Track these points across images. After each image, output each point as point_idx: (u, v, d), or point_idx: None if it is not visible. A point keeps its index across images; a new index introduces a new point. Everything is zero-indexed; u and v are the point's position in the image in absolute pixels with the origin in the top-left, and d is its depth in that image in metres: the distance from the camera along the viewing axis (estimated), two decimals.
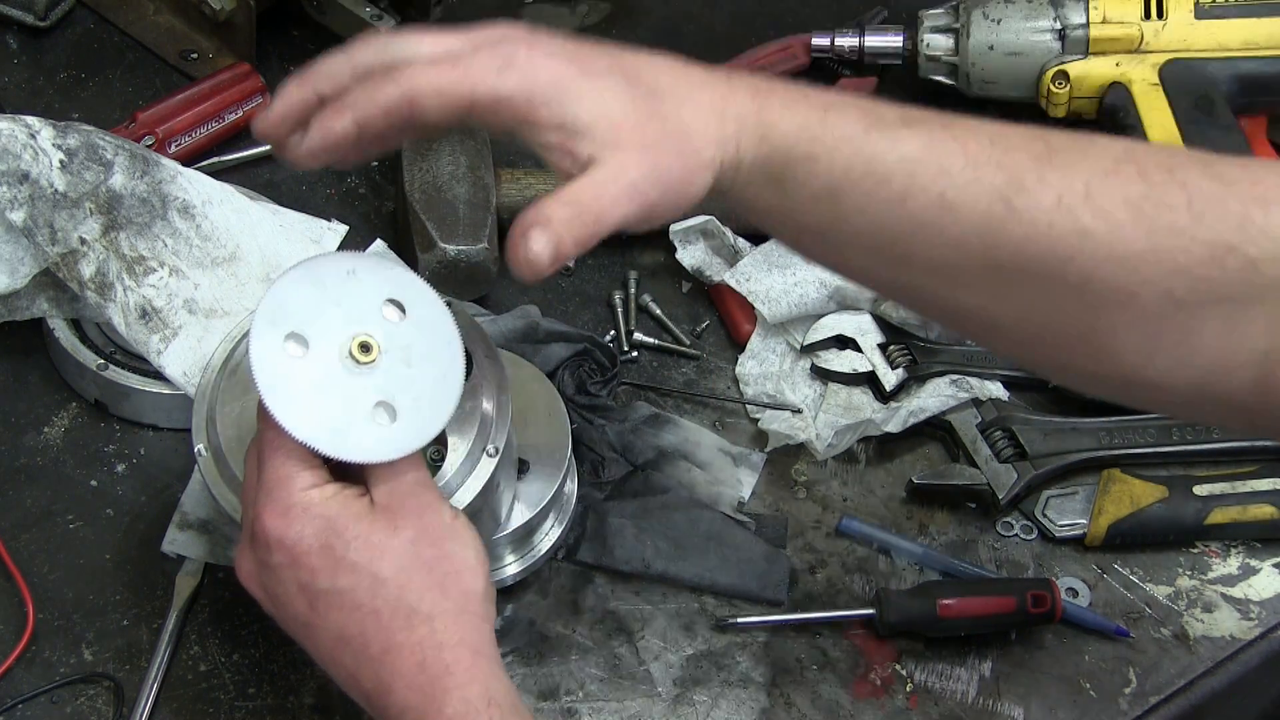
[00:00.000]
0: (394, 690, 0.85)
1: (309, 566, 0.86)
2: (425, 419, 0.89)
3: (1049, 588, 1.09)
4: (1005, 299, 0.86)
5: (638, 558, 1.10)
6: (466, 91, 0.82)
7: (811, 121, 0.85)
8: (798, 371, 1.22)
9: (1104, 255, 0.82)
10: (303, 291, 0.89)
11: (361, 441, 0.87)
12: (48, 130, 1.12)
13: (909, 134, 0.85)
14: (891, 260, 0.88)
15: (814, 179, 0.85)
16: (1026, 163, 0.83)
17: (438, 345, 0.91)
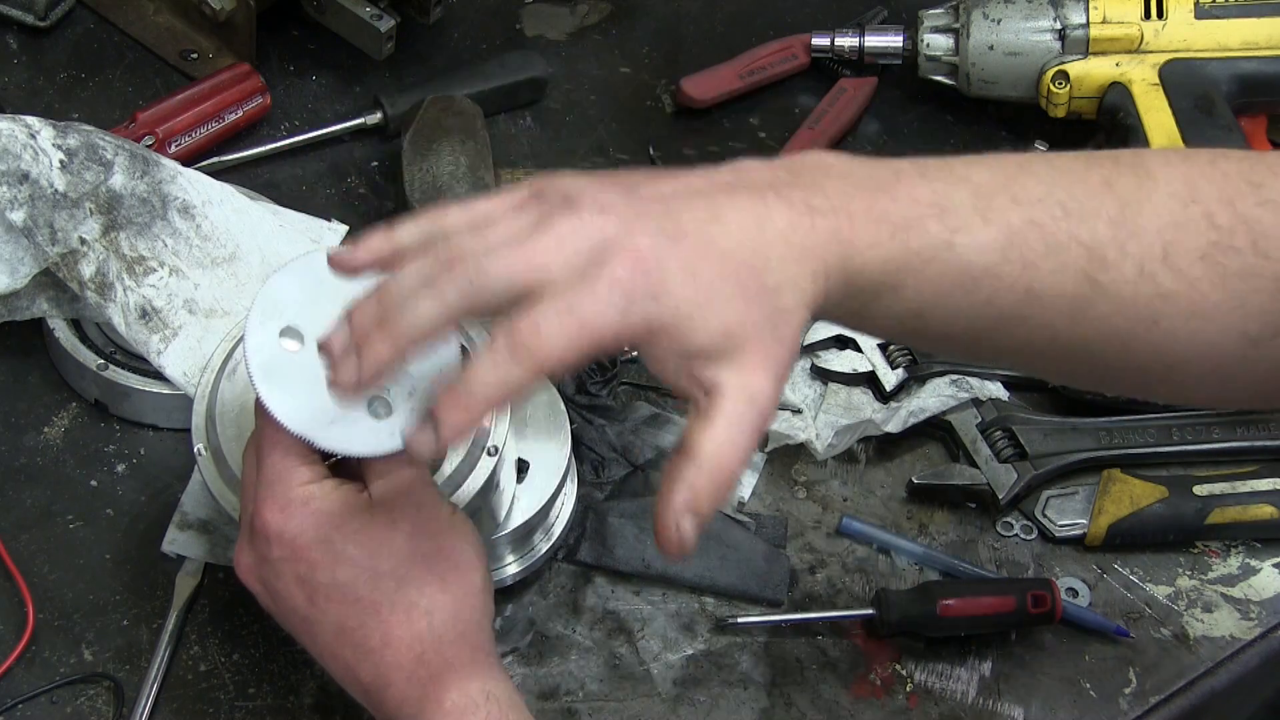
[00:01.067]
0: (392, 684, 0.86)
1: (308, 560, 0.86)
2: (421, 413, 0.89)
3: (1049, 588, 1.09)
4: (1090, 363, 0.86)
5: (638, 558, 1.10)
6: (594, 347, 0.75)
7: (895, 251, 0.80)
8: (798, 371, 1.22)
9: (1185, 314, 0.82)
10: (298, 287, 0.89)
11: (358, 436, 0.87)
12: (48, 130, 1.12)
13: (988, 234, 0.81)
14: (974, 348, 0.87)
15: (899, 304, 0.82)
16: (1104, 231, 0.82)
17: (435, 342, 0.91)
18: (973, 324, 0.83)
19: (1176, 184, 0.83)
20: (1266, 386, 0.86)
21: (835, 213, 0.79)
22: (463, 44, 1.44)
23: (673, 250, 0.76)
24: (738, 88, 1.41)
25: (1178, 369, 0.85)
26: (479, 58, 1.41)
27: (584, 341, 0.75)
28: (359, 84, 1.39)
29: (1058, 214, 0.82)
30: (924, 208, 0.81)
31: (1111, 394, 1.16)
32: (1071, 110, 1.35)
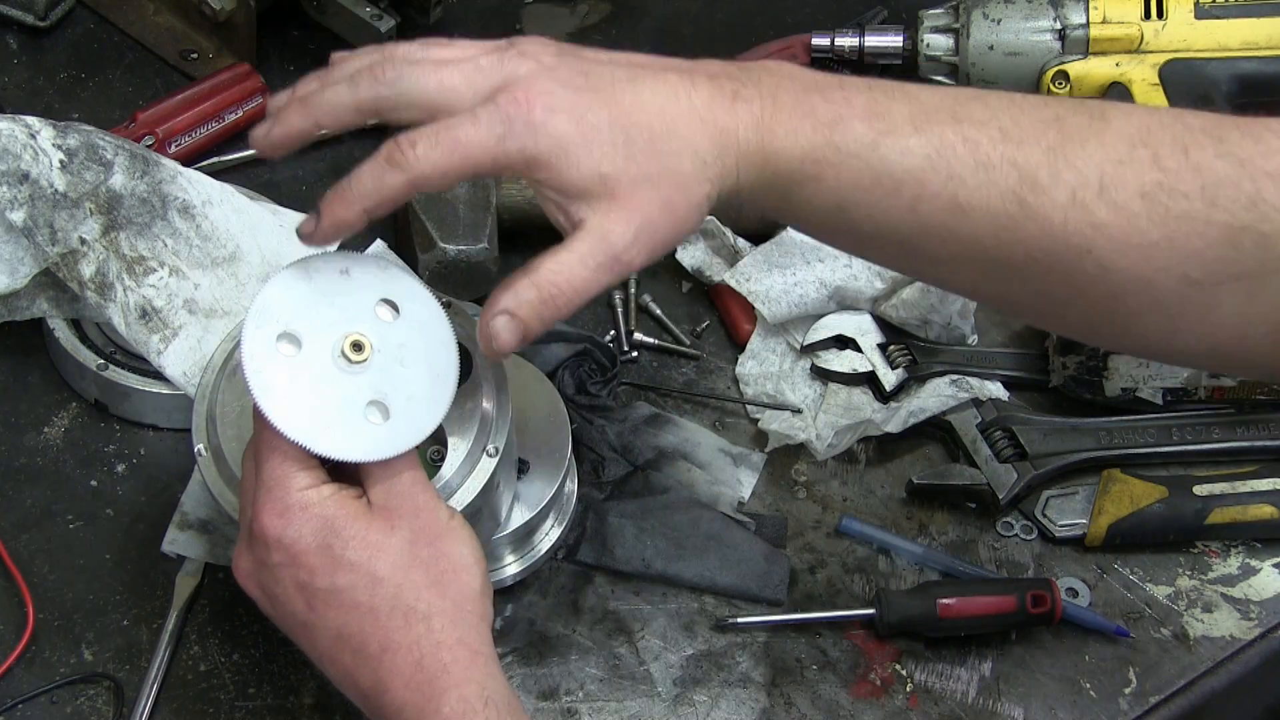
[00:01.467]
0: (391, 689, 0.86)
1: (307, 566, 0.86)
2: (419, 418, 0.89)
3: (1049, 588, 1.09)
4: (1022, 287, 0.87)
5: (638, 558, 1.10)
6: (469, 166, 0.84)
7: (817, 143, 0.85)
8: (798, 371, 1.22)
9: (1119, 246, 0.83)
10: (295, 291, 0.89)
11: (355, 441, 0.87)
12: (48, 130, 1.12)
13: (918, 140, 0.85)
14: (903, 256, 0.90)
15: (820, 196, 0.86)
16: (1039, 157, 0.84)
17: (431, 344, 0.91)
18: (898, 228, 0.86)
19: (1130, 129, 0.84)
20: (1216, 336, 0.86)
21: (760, 100, 0.85)
22: None
23: (570, 96, 0.83)
24: None
25: (1117, 303, 0.85)
26: None
27: (456, 160, 0.83)
28: None
29: (995, 136, 0.84)
30: (856, 109, 0.85)
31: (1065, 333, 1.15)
32: None
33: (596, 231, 0.84)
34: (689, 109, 0.85)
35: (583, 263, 0.84)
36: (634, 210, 0.84)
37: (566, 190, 0.84)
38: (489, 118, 0.83)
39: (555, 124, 0.83)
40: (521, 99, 0.83)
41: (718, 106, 0.85)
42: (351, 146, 1.34)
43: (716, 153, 0.85)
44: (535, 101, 0.83)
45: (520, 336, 0.85)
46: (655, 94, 0.85)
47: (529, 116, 0.83)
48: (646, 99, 0.85)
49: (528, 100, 0.83)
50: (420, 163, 0.83)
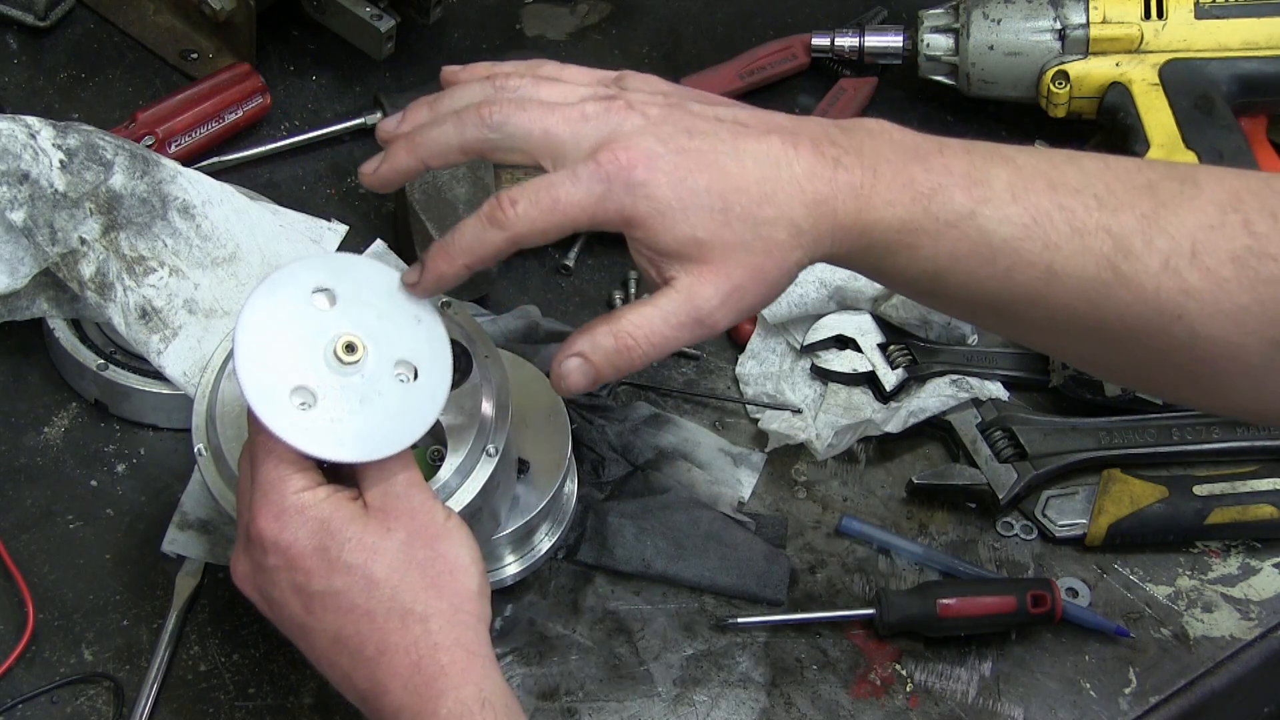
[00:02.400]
0: (389, 691, 0.85)
1: (304, 568, 0.86)
2: (414, 419, 0.89)
3: (1049, 588, 1.09)
4: (1112, 351, 0.88)
5: (638, 558, 1.10)
6: (568, 224, 0.85)
7: (915, 213, 0.85)
8: (798, 371, 1.22)
9: (1210, 312, 0.84)
10: (289, 292, 0.89)
11: (350, 442, 0.87)
12: (48, 130, 1.12)
13: (1015, 209, 0.85)
14: (996, 320, 0.91)
15: (915, 264, 0.86)
16: (1133, 224, 0.84)
17: (426, 345, 0.91)
18: (992, 294, 0.86)
19: (1221, 194, 0.85)
20: None
21: (862, 169, 0.85)
22: (463, 44, 1.44)
23: (672, 159, 0.84)
24: (738, 87, 1.41)
25: (1204, 367, 0.86)
26: (479, 58, 1.40)
27: (555, 219, 0.85)
28: (359, 84, 1.39)
29: (1090, 203, 0.85)
30: (955, 178, 0.85)
31: (1148, 393, 1.17)
32: (1071, 110, 1.35)
33: (684, 292, 0.85)
34: (789, 177, 0.85)
35: (665, 320, 0.85)
36: (724, 276, 0.85)
37: (660, 250, 0.85)
38: (589, 177, 0.84)
39: (654, 187, 0.84)
40: (623, 159, 0.84)
41: (818, 176, 0.85)
42: (351, 147, 1.35)
43: (812, 222, 0.85)
44: (637, 162, 0.84)
45: (591, 381, 0.87)
46: (757, 161, 0.85)
47: (629, 177, 0.84)
48: (748, 165, 0.85)
49: (629, 160, 0.84)
50: (520, 221, 0.85)
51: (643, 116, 0.86)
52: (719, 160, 0.85)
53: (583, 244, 1.29)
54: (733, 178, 0.84)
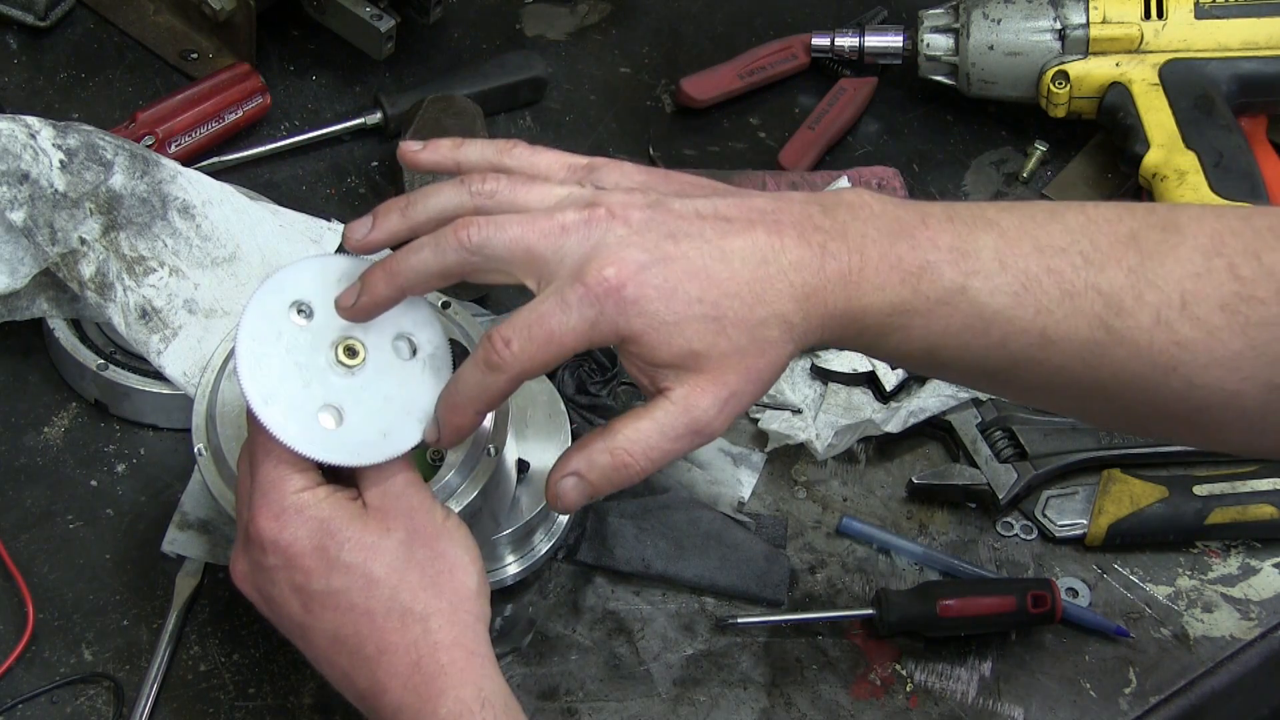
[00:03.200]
0: (388, 691, 0.85)
1: (303, 568, 0.86)
2: (413, 421, 0.89)
3: (1049, 588, 1.09)
4: (1108, 406, 0.88)
5: (638, 558, 1.10)
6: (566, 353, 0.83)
7: (905, 295, 0.84)
8: (798, 371, 1.22)
9: (1204, 361, 0.83)
10: (289, 295, 0.89)
11: (349, 444, 0.87)
12: (48, 130, 1.12)
13: (1005, 279, 0.84)
14: (992, 386, 0.91)
15: (908, 343, 0.86)
16: (1121, 280, 0.84)
17: (426, 346, 0.91)
18: (987, 364, 0.86)
19: (1203, 238, 0.85)
20: None
21: (850, 254, 0.84)
22: (463, 44, 1.44)
23: (660, 270, 0.82)
24: (737, 87, 1.41)
25: (1202, 415, 0.86)
26: (479, 58, 1.41)
27: (552, 350, 0.83)
28: (359, 84, 1.39)
29: (1078, 262, 0.84)
30: (943, 253, 0.84)
31: (1144, 437, 1.17)
32: (1071, 110, 1.35)
33: (681, 403, 0.83)
34: (778, 273, 0.83)
35: (662, 433, 0.84)
36: (721, 384, 0.83)
37: (655, 363, 0.83)
38: (579, 302, 0.81)
39: (646, 303, 0.82)
40: (611, 278, 0.81)
41: (807, 268, 0.83)
42: (351, 146, 1.34)
43: (803, 315, 0.83)
44: (625, 280, 0.81)
45: (588, 498, 0.86)
46: (745, 260, 0.83)
47: (620, 296, 0.81)
48: (737, 267, 0.82)
49: (618, 279, 0.81)
50: (518, 360, 0.83)
51: (625, 225, 0.83)
52: (707, 265, 0.82)
53: None
54: (723, 283, 0.82)
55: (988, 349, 0.85)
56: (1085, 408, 0.91)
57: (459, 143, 0.91)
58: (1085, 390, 0.86)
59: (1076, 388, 0.86)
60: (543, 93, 1.40)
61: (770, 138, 1.40)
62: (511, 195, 0.86)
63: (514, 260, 0.84)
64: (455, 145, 0.91)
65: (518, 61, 1.39)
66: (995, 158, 1.40)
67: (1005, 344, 0.85)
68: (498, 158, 0.90)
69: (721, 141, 1.39)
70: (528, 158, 0.90)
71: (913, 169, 1.38)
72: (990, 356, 0.85)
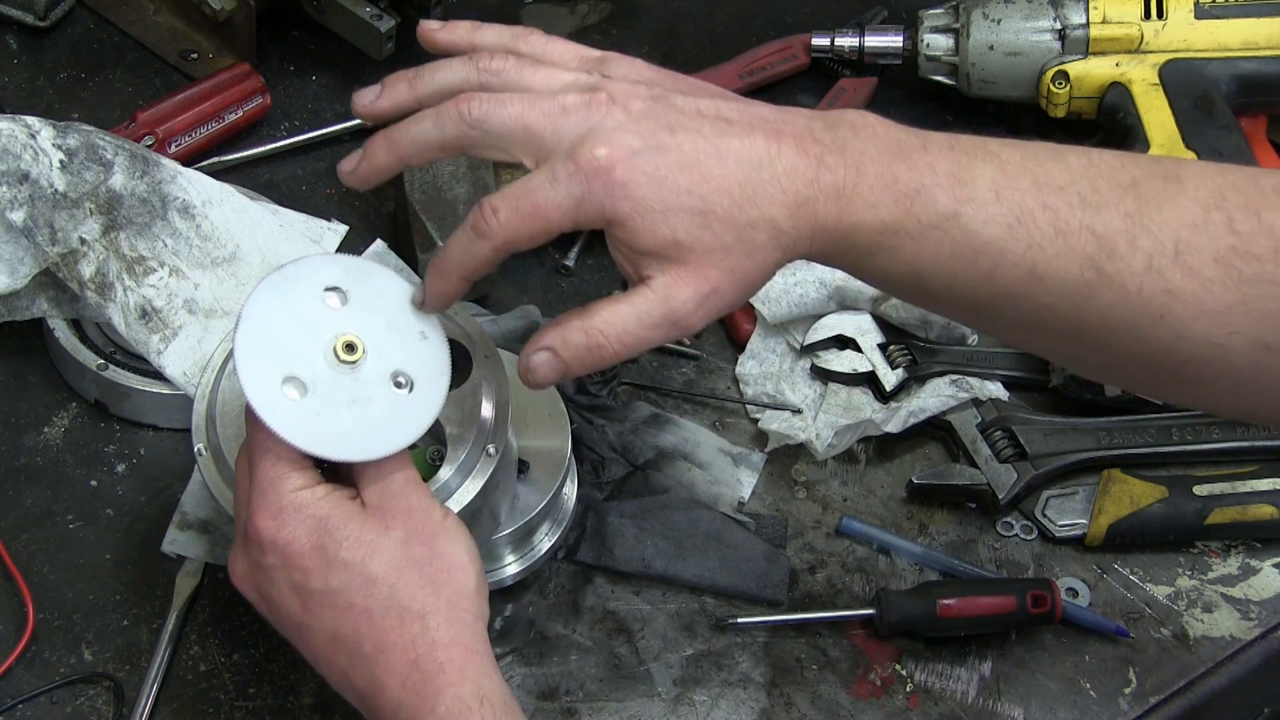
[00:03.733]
0: (387, 689, 0.85)
1: (301, 567, 0.86)
2: (412, 418, 0.89)
3: (1049, 588, 1.09)
4: (1094, 352, 0.87)
5: (638, 558, 1.10)
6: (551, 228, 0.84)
7: (898, 215, 0.84)
8: (798, 371, 1.22)
9: (1193, 312, 0.83)
10: (287, 294, 0.89)
11: (349, 441, 0.87)
12: (48, 130, 1.12)
13: (999, 209, 0.84)
14: (977, 319, 0.91)
15: (896, 264, 0.86)
16: (1117, 224, 0.83)
17: (425, 345, 0.91)
18: (974, 295, 0.86)
19: (1204, 191, 0.84)
20: None
21: (846, 169, 0.84)
22: None
23: (653, 157, 0.83)
24: (738, 88, 1.41)
25: (1188, 368, 0.85)
26: None
27: (538, 224, 0.84)
28: (359, 84, 1.37)
29: (1075, 202, 0.84)
30: (939, 177, 0.84)
31: (1129, 390, 1.16)
32: (1071, 110, 1.35)
33: (661, 292, 0.84)
34: (771, 177, 0.83)
35: (639, 320, 0.84)
36: (702, 278, 0.84)
37: (639, 250, 0.84)
38: (568, 178, 0.83)
39: (634, 188, 0.82)
40: (603, 158, 0.82)
41: (801, 177, 0.84)
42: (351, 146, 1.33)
43: (793, 222, 0.84)
44: (616, 162, 0.82)
45: (559, 376, 0.86)
46: (739, 161, 0.83)
47: (608, 178, 0.82)
48: (730, 166, 0.83)
49: (609, 160, 0.82)
50: (503, 229, 0.84)
51: (624, 112, 0.84)
52: (701, 160, 0.83)
53: (583, 244, 1.29)
54: (714, 179, 0.83)
55: (975, 280, 0.85)
56: (1072, 352, 0.90)
57: (476, 25, 0.93)
58: (1072, 332, 0.86)
59: (1063, 328, 0.86)
60: None
61: None
62: (518, 76, 0.87)
63: (512, 137, 0.85)
64: (473, 27, 0.92)
65: None
66: None
67: (993, 276, 0.84)
68: (513, 42, 0.91)
69: None
70: (541, 44, 0.91)
71: None
72: (978, 288, 0.85)
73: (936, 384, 1.20)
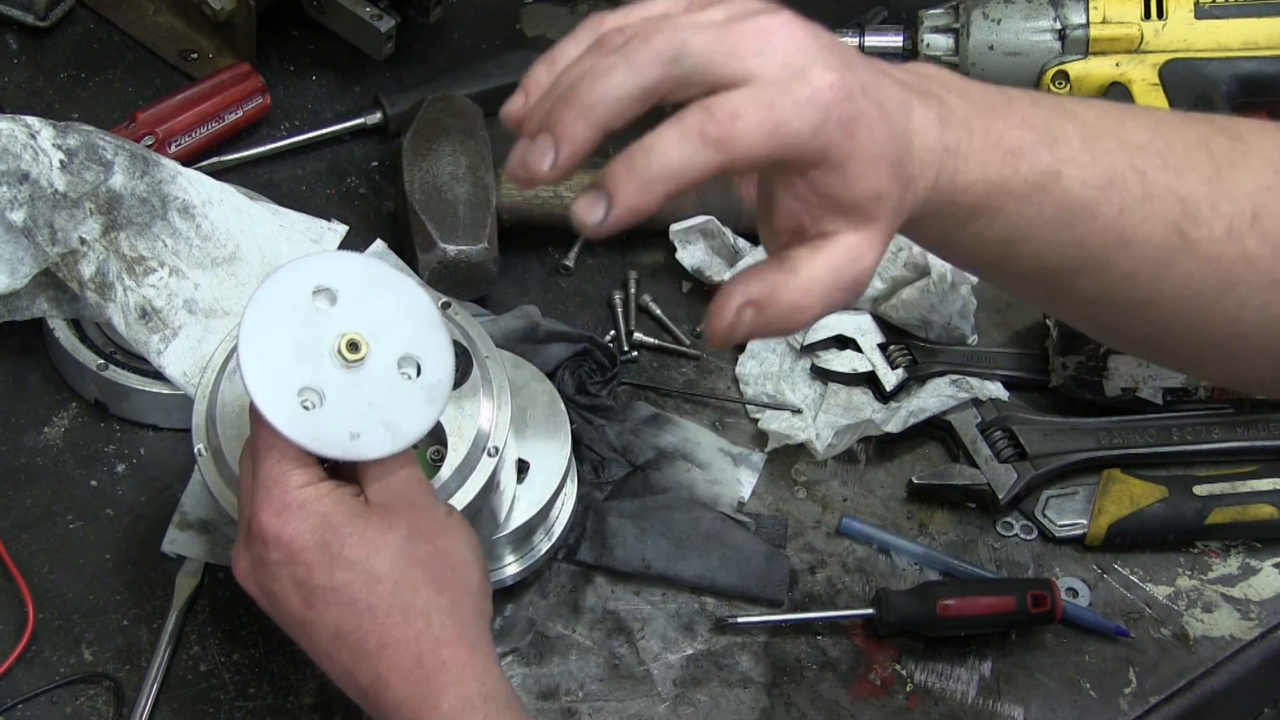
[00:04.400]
0: (390, 686, 0.86)
1: (305, 563, 0.86)
2: (415, 416, 0.89)
3: (1049, 588, 1.09)
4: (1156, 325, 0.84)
5: (638, 558, 1.10)
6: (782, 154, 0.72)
7: (1005, 174, 0.78)
8: (798, 371, 1.22)
9: (1265, 281, 0.81)
10: (292, 290, 0.89)
11: (352, 438, 0.87)
12: (48, 130, 1.12)
13: (1094, 171, 0.79)
14: (1049, 293, 0.85)
15: (992, 229, 0.80)
16: (1198, 187, 0.81)
17: (428, 344, 0.91)
18: (1061, 262, 0.81)
19: (1269, 150, 0.82)
20: None
21: (958, 126, 0.77)
22: (463, 44, 1.44)
23: (868, 100, 0.73)
24: None
25: (1241, 342, 0.83)
26: (479, 58, 1.41)
27: (775, 143, 0.71)
28: (359, 84, 1.39)
29: (1157, 163, 0.80)
30: (1037, 134, 0.79)
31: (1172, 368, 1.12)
32: None
33: (855, 250, 0.75)
34: (912, 133, 0.76)
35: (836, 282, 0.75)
36: (883, 239, 0.76)
37: (840, 199, 0.74)
38: (809, 102, 0.71)
39: (859, 127, 0.73)
40: (837, 86, 0.71)
41: (931, 133, 0.77)
42: (351, 146, 1.34)
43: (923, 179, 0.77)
44: (849, 94, 0.72)
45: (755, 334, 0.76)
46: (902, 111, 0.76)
47: (843, 110, 0.72)
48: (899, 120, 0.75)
49: (844, 91, 0.72)
50: (741, 141, 0.70)
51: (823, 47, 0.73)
52: (894, 112, 0.75)
53: (582, 244, 1.29)
54: (900, 136, 0.75)
55: (1066, 246, 0.80)
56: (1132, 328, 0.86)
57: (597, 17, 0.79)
58: (1143, 305, 0.82)
59: (1136, 301, 0.82)
60: None
61: None
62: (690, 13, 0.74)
63: (717, 61, 0.71)
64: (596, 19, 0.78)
65: (518, 61, 1.39)
66: None
67: (1084, 242, 0.80)
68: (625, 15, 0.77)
69: None
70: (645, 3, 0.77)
71: None
72: (1066, 255, 0.81)
73: (936, 384, 1.20)
